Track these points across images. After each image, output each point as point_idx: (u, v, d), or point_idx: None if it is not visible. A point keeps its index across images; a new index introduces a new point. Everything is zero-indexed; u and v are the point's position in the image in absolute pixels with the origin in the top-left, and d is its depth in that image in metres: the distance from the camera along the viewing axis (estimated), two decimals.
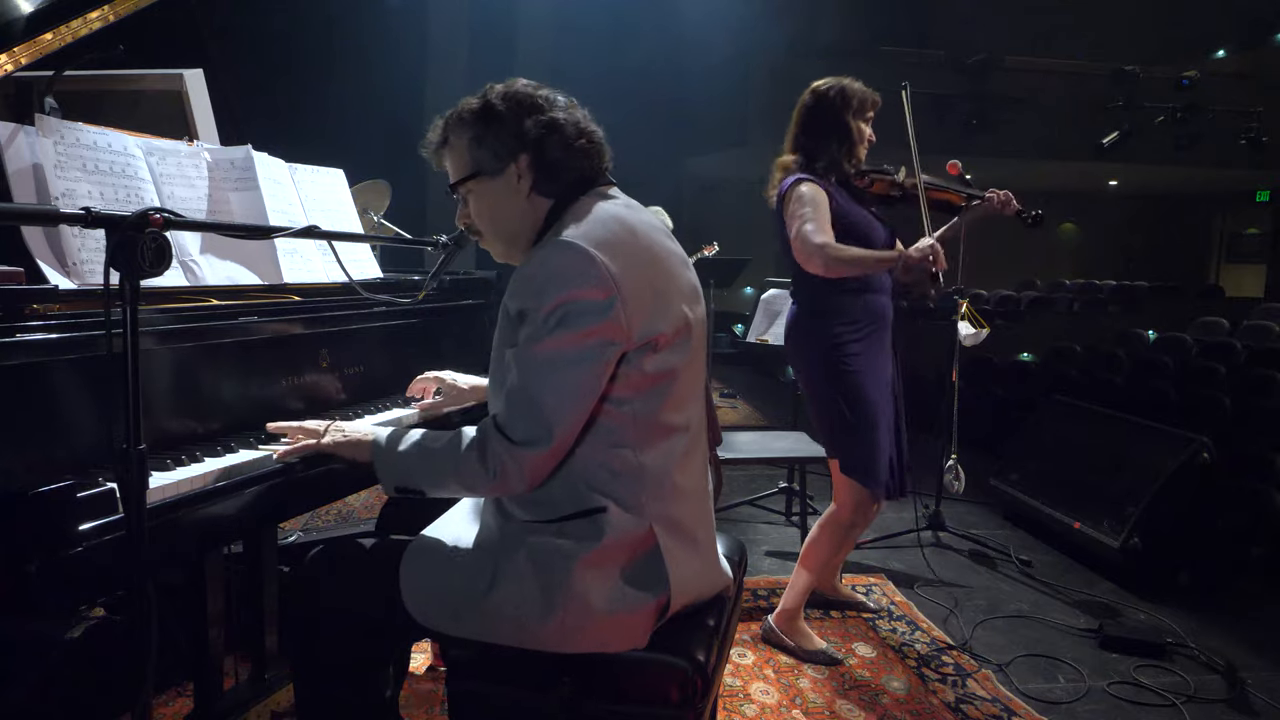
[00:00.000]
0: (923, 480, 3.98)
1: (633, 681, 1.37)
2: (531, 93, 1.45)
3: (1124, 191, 15.39)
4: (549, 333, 1.30)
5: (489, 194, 1.47)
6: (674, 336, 1.38)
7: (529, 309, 1.32)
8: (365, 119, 7.08)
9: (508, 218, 1.48)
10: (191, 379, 1.54)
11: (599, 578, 1.33)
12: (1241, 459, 3.78)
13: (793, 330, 2.68)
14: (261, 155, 1.92)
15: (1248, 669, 2.66)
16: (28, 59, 1.78)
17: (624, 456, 1.36)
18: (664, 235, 1.48)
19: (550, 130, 1.42)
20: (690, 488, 1.45)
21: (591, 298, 1.29)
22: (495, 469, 1.32)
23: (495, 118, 1.43)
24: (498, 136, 1.43)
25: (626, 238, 1.37)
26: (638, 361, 1.34)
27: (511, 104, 1.43)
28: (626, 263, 1.33)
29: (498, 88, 1.46)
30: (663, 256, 1.43)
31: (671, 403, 1.40)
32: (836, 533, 2.64)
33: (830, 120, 2.56)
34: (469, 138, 1.45)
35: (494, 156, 1.44)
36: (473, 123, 1.45)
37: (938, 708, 2.40)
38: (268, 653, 2.10)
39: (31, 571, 1.09)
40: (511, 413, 1.33)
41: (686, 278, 1.48)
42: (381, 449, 1.44)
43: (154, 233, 1.07)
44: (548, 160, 1.43)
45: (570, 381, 1.30)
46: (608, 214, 1.40)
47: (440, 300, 2.35)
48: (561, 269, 1.31)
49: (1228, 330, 7.74)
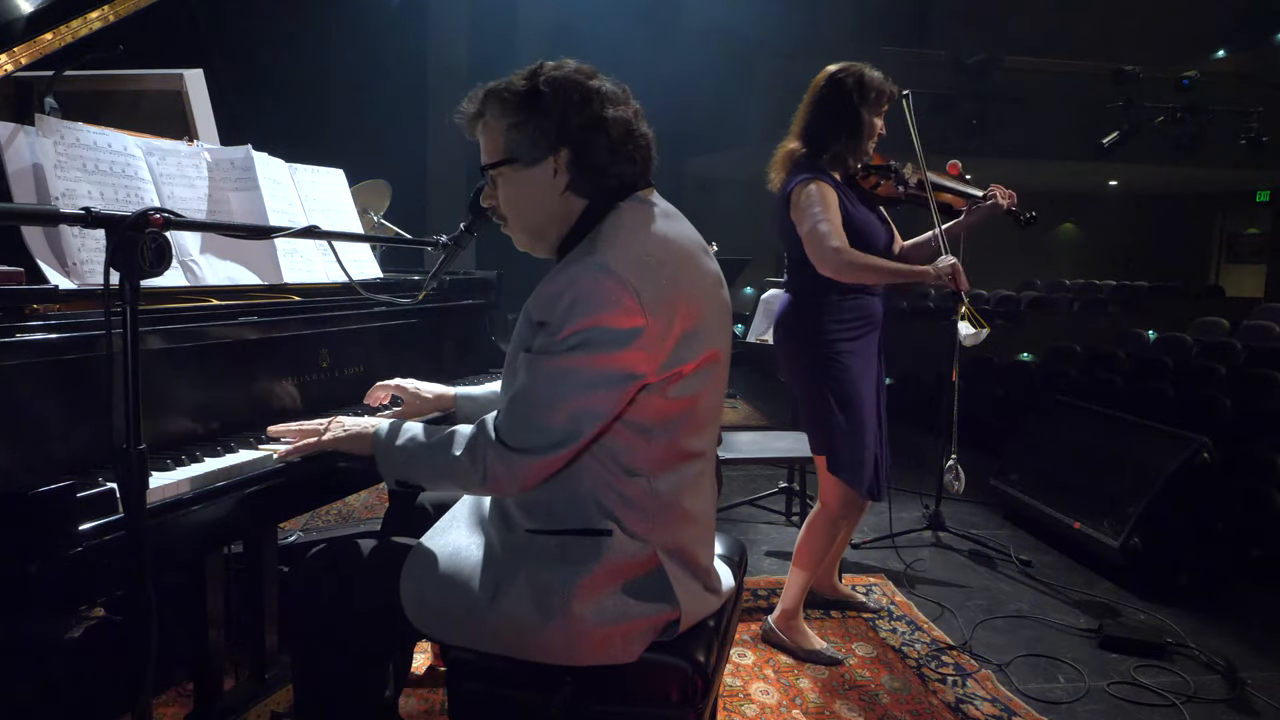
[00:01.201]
0: (923, 480, 3.99)
1: (633, 682, 1.37)
2: (583, 82, 1.35)
3: (1124, 191, 15.39)
4: (567, 351, 1.25)
5: (521, 183, 1.38)
6: (700, 364, 1.34)
7: (551, 321, 1.27)
8: (365, 119, 7.08)
9: (538, 211, 1.40)
10: (191, 379, 1.54)
11: (599, 599, 1.31)
12: (1241, 459, 3.77)
13: (784, 322, 2.64)
14: (261, 155, 1.92)
15: (1248, 669, 2.66)
16: (28, 59, 1.78)
17: (637, 484, 1.33)
18: (703, 254, 1.42)
19: (597, 130, 1.34)
20: (699, 512, 1.43)
21: (619, 325, 1.24)
22: (485, 471, 1.30)
23: (540, 106, 1.33)
24: (539, 126, 1.33)
25: (667, 261, 1.31)
26: (660, 390, 1.30)
27: (560, 93, 1.33)
28: (661, 292, 1.27)
29: (548, 69, 1.35)
30: (699, 280, 1.37)
31: (691, 428, 1.36)
32: (825, 529, 2.63)
33: (843, 111, 2.48)
34: (509, 122, 1.36)
35: (532, 146, 1.35)
36: (516, 106, 1.35)
37: (938, 708, 2.40)
38: (268, 653, 2.10)
39: (31, 571, 1.09)
40: (512, 417, 1.31)
41: (721, 298, 1.42)
42: (381, 442, 1.43)
43: (154, 233, 1.07)
44: (590, 161, 1.35)
45: (581, 401, 1.26)
46: (648, 233, 1.33)
47: (440, 300, 2.34)
48: (593, 292, 1.24)
49: (1228, 330, 7.74)
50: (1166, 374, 5.47)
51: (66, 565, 1.11)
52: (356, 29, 7.46)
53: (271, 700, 2.09)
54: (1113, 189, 15.19)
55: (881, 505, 4.18)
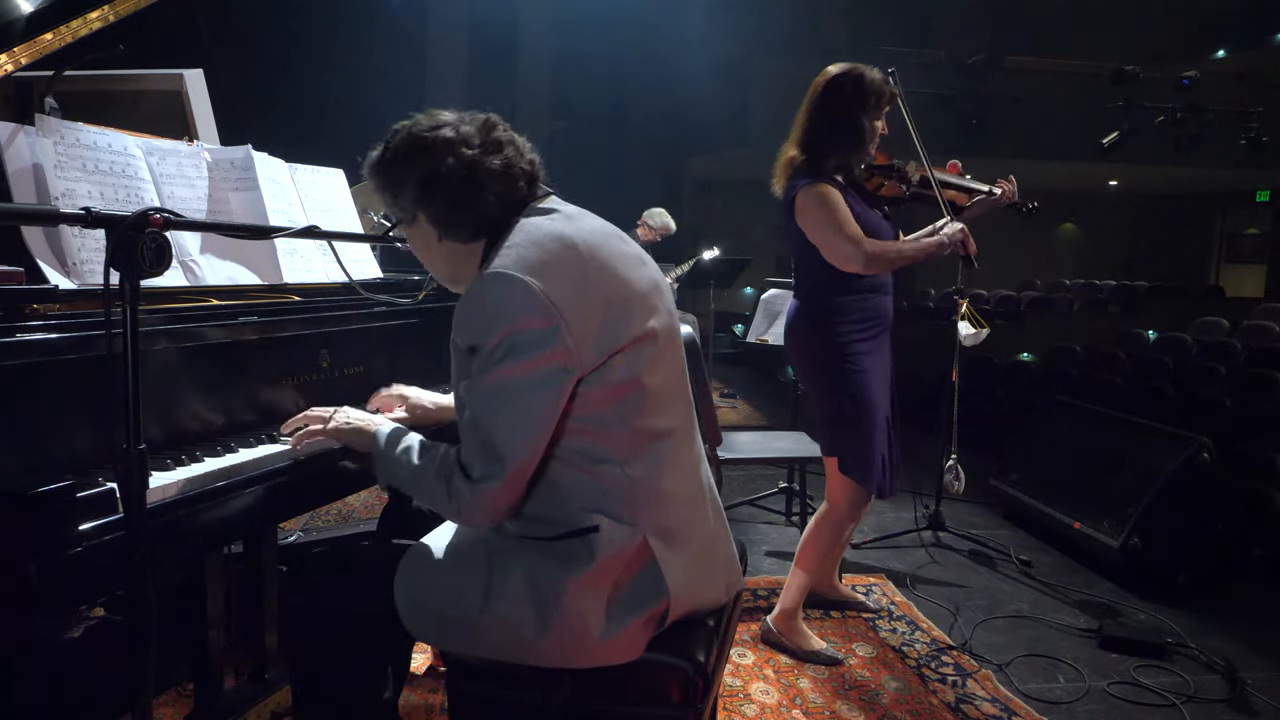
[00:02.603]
0: (923, 480, 3.99)
1: (633, 682, 1.37)
2: (421, 135, 1.36)
3: (1124, 191, 15.38)
4: (496, 364, 1.26)
5: (415, 240, 1.45)
6: (635, 343, 1.33)
7: (479, 343, 1.28)
8: (365, 120, 7.08)
9: (440, 261, 1.45)
10: (191, 379, 1.54)
11: (594, 600, 1.31)
12: (1241, 459, 3.78)
13: (795, 327, 2.64)
14: (261, 155, 1.92)
15: (1248, 669, 2.66)
16: (28, 59, 1.78)
17: (610, 473, 1.34)
18: (613, 238, 1.41)
19: (433, 186, 1.35)
20: (681, 492, 1.41)
21: (535, 326, 1.25)
22: (458, 504, 1.31)
23: (387, 170, 1.39)
24: (394, 193, 1.39)
25: (567, 255, 1.31)
26: (598, 380, 1.30)
27: (399, 158, 1.37)
28: (568, 284, 1.28)
29: (399, 132, 1.39)
30: (611, 263, 1.35)
31: (648, 408, 1.35)
32: (831, 530, 2.64)
33: (843, 117, 2.45)
34: (379, 187, 1.42)
35: (401, 209, 1.41)
36: (374, 173, 1.41)
37: (938, 708, 2.40)
38: (268, 653, 2.10)
39: (31, 571, 1.09)
40: (468, 447, 1.32)
41: (644, 276, 1.41)
42: (379, 448, 1.44)
43: (154, 233, 1.07)
44: (443, 216, 1.38)
45: (519, 411, 1.27)
46: (542, 233, 1.33)
47: (440, 300, 2.34)
48: (499, 301, 1.26)
49: (1228, 330, 7.73)
50: (1166, 374, 5.47)
51: (66, 565, 1.11)
52: (357, 29, 7.46)
53: (271, 700, 2.09)
54: (1113, 189, 15.18)
55: (882, 505, 4.20)
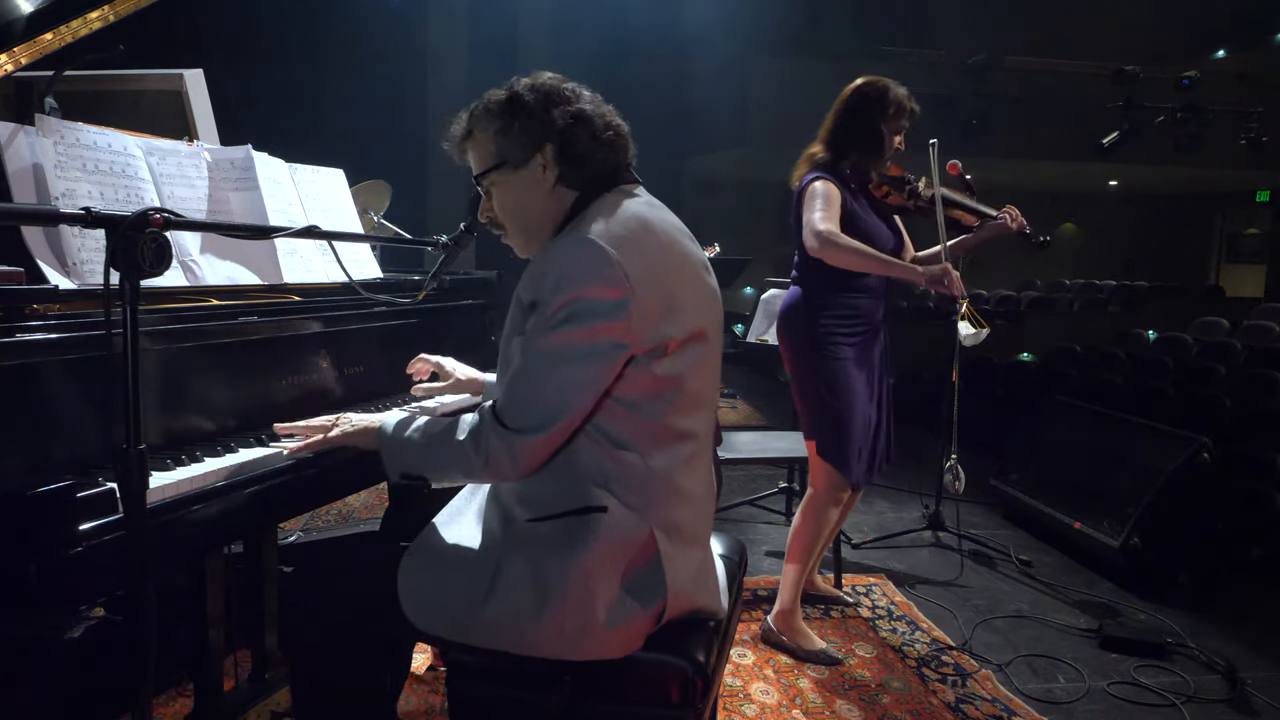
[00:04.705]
0: (923, 480, 4.00)
1: (633, 682, 1.37)
2: (558, 84, 1.45)
3: (1124, 192, 15.38)
4: (557, 326, 1.30)
5: (513, 185, 1.46)
6: (684, 343, 1.37)
7: (541, 300, 1.32)
8: (365, 119, 7.08)
9: (531, 209, 1.47)
10: (191, 379, 1.54)
11: (596, 587, 1.32)
12: (1241, 459, 3.77)
13: (788, 312, 2.72)
14: (261, 155, 1.92)
15: (1248, 669, 2.66)
16: (28, 59, 1.78)
17: (629, 459, 1.36)
18: (686, 238, 1.47)
19: (577, 121, 1.42)
20: (695, 493, 1.44)
21: (605, 296, 1.29)
22: (487, 454, 1.33)
23: (522, 108, 1.42)
24: (524, 127, 1.42)
25: (647, 237, 1.37)
26: (646, 365, 1.34)
27: (539, 95, 1.43)
28: (644, 264, 1.32)
29: (524, 80, 1.46)
30: (682, 261, 1.42)
31: (680, 408, 1.39)
32: (815, 515, 2.68)
33: (865, 124, 2.60)
34: (494, 129, 1.44)
35: (519, 147, 1.43)
36: (499, 114, 1.44)
37: (938, 708, 2.40)
38: (268, 653, 2.10)
39: (31, 571, 1.09)
40: (510, 399, 1.34)
41: (708, 282, 1.47)
42: (387, 436, 1.45)
43: (154, 233, 1.07)
44: (574, 151, 1.42)
45: (573, 375, 1.30)
46: (631, 213, 1.39)
47: (440, 300, 2.34)
48: (577, 265, 1.30)
49: (1228, 330, 7.74)
50: (1166, 374, 5.47)
51: (66, 565, 1.11)
52: (357, 28, 7.46)
53: (271, 700, 2.09)
54: (1113, 189, 15.19)
55: (882, 505, 4.20)
